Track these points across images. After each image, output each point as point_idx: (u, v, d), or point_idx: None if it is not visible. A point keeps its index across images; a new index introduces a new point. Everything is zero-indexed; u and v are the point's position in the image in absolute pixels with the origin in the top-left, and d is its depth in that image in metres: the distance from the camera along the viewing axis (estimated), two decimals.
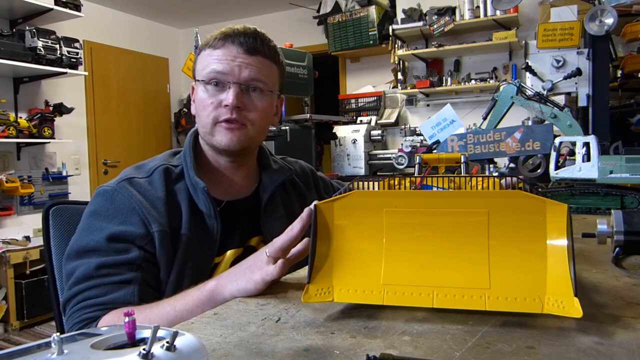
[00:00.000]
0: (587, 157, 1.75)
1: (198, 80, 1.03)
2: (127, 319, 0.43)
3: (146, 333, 0.43)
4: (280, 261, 0.77)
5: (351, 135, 4.51)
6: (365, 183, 0.74)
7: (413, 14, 4.57)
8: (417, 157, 0.98)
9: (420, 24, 4.50)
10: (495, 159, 2.47)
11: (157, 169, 1.02)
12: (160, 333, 0.42)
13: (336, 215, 0.70)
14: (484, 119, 2.51)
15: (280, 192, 1.15)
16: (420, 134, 4.18)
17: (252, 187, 1.13)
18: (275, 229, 1.08)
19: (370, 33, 4.88)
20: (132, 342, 0.43)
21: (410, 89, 4.75)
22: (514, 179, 0.83)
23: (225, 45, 1.01)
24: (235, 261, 1.03)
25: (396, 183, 0.81)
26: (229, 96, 0.99)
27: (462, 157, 0.95)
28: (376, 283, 0.67)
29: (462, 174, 0.91)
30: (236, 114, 1.00)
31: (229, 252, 1.05)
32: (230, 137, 1.01)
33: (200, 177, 1.02)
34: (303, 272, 0.92)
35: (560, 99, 2.63)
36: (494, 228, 0.65)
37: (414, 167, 0.96)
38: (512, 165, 2.32)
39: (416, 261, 0.67)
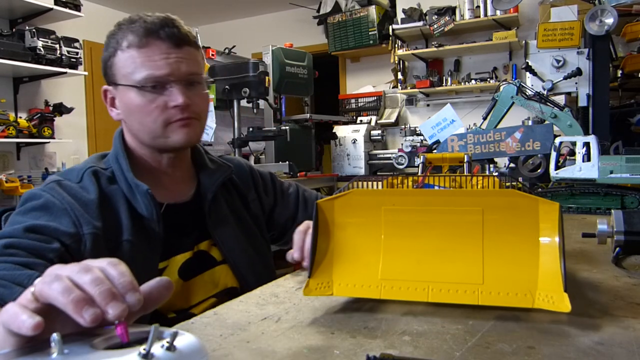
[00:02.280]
0: (587, 157, 1.75)
1: (129, 86, 0.94)
2: (116, 321, 0.43)
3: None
4: (37, 319, 0.44)
5: (351, 135, 4.51)
6: (365, 182, 0.76)
7: (413, 14, 4.57)
8: (422, 157, 1.00)
9: (420, 23, 4.50)
10: (496, 159, 2.47)
11: (86, 172, 0.95)
12: (160, 333, 0.42)
13: (336, 212, 0.72)
14: (484, 119, 2.50)
15: (221, 192, 1.11)
16: (420, 134, 4.18)
17: (191, 188, 1.08)
18: (224, 230, 1.06)
19: (370, 33, 4.89)
20: (129, 341, 0.43)
21: (410, 88, 4.75)
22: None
23: (150, 42, 0.93)
24: (184, 265, 1.00)
25: (398, 182, 0.83)
26: (176, 97, 0.93)
27: (465, 156, 0.98)
28: (374, 278, 0.68)
29: (464, 174, 0.93)
30: (187, 111, 0.95)
31: (177, 257, 1.00)
32: (187, 132, 0.97)
33: (138, 178, 0.96)
34: (303, 272, 0.92)
35: (560, 99, 2.63)
36: (488, 226, 0.66)
37: (418, 166, 0.98)
38: (512, 165, 2.32)
39: (413, 257, 0.69)
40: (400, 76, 4.85)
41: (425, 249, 0.68)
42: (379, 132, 4.62)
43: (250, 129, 3.43)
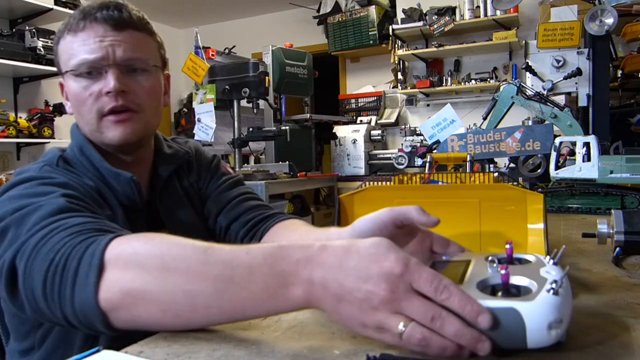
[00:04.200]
0: (587, 157, 1.74)
1: (66, 73, 0.88)
2: (502, 272, 0.50)
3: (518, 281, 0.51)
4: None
5: (351, 135, 4.51)
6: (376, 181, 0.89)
7: (413, 14, 4.57)
8: (429, 157, 1.12)
9: (420, 24, 4.50)
10: (495, 159, 2.47)
11: (59, 160, 0.87)
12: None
13: (355, 204, 0.85)
14: (484, 119, 2.50)
15: (177, 177, 1.03)
16: (420, 134, 4.18)
17: (149, 180, 1.01)
18: (178, 217, 0.98)
19: (370, 33, 4.89)
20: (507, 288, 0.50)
21: (410, 89, 4.75)
22: None
23: (87, 26, 0.86)
24: None
25: (407, 179, 0.97)
26: (108, 81, 0.85)
27: (468, 156, 1.10)
28: None
29: (467, 171, 1.04)
30: (122, 99, 0.86)
31: None
32: (122, 130, 0.88)
33: None
34: None
35: (561, 99, 2.62)
36: (484, 214, 0.79)
37: (424, 165, 1.03)
38: (512, 165, 2.32)
39: None
40: (400, 76, 4.85)
41: None
42: (379, 132, 4.62)
43: (250, 129, 3.43)
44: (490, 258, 0.56)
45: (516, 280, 0.52)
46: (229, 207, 1.02)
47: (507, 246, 0.58)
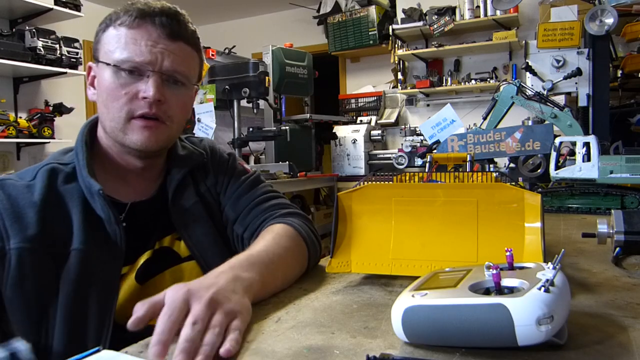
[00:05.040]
0: (587, 157, 1.74)
1: (105, 63, 0.87)
2: (494, 272, 0.52)
3: (510, 282, 0.53)
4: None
5: (351, 135, 4.51)
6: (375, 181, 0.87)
7: (413, 14, 4.57)
8: (429, 156, 1.12)
9: (420, 23, 4.50)
10: (495, 159, 2.47)
11: (42, 169, 0.88)
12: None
13: (354, 202, 0.84)
14: (484, 119, 2.50)
15: (191, 178, 1.02)
16: (420, 134, 4.18)
17: (158, 182, 1.00)
18: (190, 221, 0.96)
19: (370, 33, 4.89)
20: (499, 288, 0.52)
21: (410, 89, 4.75)
22: None
23: (143, 26, 0.86)
24: (144, 266, 0.92)
25: (407, 179, 0.96)
26: (149, 88, 0.85)
27: (467, 156, 1.10)
28: (386, 257, 0.81)
29: (467, 171, 1.02)
30: (156, 108, 0.87)
31: (138, 260, 0.92)
32: (147, 136, 0.88)
33: (100, 175, 0.88)
34: (301, 277, 0.93)
35: (560, 99, 2.62)
36: (482, 213, 0.78)
37: (424, 165, 1.02)
38: (512, 165, 2.32)
39: (419, 240, 0.81)
40: (400, 76, 4.85)
41: (429, 233, 0.80)
42: (379, 132, 4.62)
43: (250, 129, 3.42)
44: (488, 264, 0.56)
45: (508, 282, 0.53)
46: (244, 213, 1.00)
47: (507, 253, 0.59)
